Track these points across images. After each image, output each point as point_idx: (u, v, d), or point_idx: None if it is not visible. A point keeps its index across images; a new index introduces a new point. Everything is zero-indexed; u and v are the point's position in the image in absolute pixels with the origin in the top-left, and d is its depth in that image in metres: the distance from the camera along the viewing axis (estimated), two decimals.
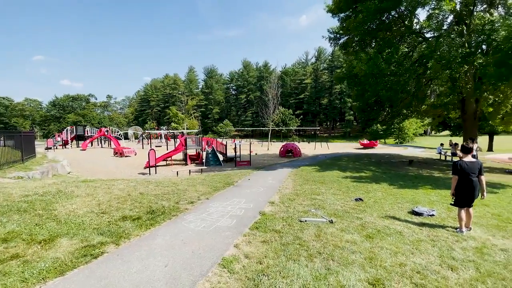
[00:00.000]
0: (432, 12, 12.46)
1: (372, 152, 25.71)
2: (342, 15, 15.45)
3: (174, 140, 31.29)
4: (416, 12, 13.08)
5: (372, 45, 15.46)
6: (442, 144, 20.42)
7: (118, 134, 41.61)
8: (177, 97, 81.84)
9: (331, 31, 16.91)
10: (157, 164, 14.00)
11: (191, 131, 49.35)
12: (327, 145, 35.91)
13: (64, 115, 74.71)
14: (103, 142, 35.88)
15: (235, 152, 16.53)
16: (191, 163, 17.16)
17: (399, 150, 28.45)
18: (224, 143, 20.72)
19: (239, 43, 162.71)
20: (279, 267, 3.41)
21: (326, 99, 67.24)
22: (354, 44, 15.86)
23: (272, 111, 36.72)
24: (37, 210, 5.35)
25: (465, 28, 12.01)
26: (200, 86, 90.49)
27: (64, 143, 30.99)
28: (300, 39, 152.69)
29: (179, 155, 19.56)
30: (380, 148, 33.95)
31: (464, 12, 12.04)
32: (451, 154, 17.71)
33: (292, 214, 5.61)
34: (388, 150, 29.68)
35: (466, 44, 11.37)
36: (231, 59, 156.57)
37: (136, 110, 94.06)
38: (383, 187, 8.64)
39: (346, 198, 7.08)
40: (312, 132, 61.58)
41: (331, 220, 5.15)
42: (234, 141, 31.43)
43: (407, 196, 7.41)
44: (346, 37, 16.18)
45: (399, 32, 14.32)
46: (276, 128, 51.13)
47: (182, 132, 41.49)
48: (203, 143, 17.87)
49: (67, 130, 32.73)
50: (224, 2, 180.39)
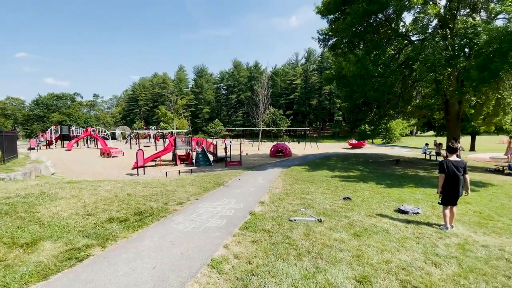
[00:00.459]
0: (417, 15, 12.83)
1: (360, 152, 26.20)
2: (331, 16, 15.65)
3: (163, 140, 30.88)
4: (402, 16, 13.41)
5: (360, 46, 15.74)
6: (427, 144, 21.05)
7: (105, 134, 40.65)
8: (166, 96, 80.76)
9: (321, 32, 17.10)
10: (145, 165, 13.78)
11: (180, 131, 48.82)
12: (317, 145, 36.32)
13: (48, 114, 72.23)
14: (89, 142, 34.97)
15: (226, 152, 16.47)
16: (181, 164, 16.97)
17: (386, 150, 29.11)
18: (215, 143, 20.61)
19: (229, 43, 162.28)
20: (269, 266, 3.42)
21: (316, 100, 67.98)
22: (343, 45, 16.10)
23: (262, 111, 36.80)
24: (18, 212, 5.17)
25: (448, 31, 12.41)
26: (190, 86, 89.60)
27: (48, 143, 30.02)
28: (290, 40, 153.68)
29: (168, 156, 19.32)
30: (368, 148, 34.64)
31: (448, 16, 12.43)
32: (435, 154, 18.32)
33: (282, 214, 5.65)
34: (376, 150, 30.32)
35: (450, 47, 11.75)
36: (222, 59, 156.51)
37: (124, 110, 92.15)
38: (371, 186, 8.83)
39: (334, 197, 7.18)
40: (302, 132, 62.11)
41: (320, 219, 5.22)
42: (225, 141, 31.33)
43: (393, 194, 7.60)
44: (335, 38, 16.40)
45: (386, 34, 14.65)
46: (267, 128, 51.30)
47: (172, 132, 40.98)
48: (193, 143, 17.70)
49: (51, 130, 31.68)
50: (213, 1, 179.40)
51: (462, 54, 11.81)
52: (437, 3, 12.66)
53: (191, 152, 17.64)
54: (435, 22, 13.22)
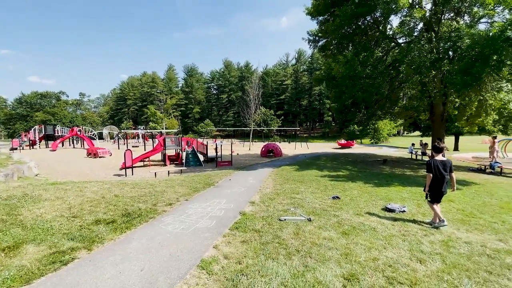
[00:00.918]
0: (404, 19, 13.15)
1: (349, 152, 26.62)
2: (321, 18, 15.85)
3: (152, 140, 30.43)
4: (389, 19, 13.73)
5: (349, 48, 15.99)
6: (413, 144, 21.63)
7: (92, 134, 39.63)
8: (155, 95, 79.53)
9: (311, 33, 17.28)
10: (133, 165, 13.52)
11: (170, 130, 48.19)
12: (307, 145, 36.64)
13: (32, 114, 69.86)
14: (75, 142, 34.01)
15: (216, 152, 16.37)
16: (170, 164, 16.76)
17: (374, 150, 29.69)
18: (205, 143, 20.45)
19: (220, 42, 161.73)
20: (258, 266, 3.44)
21: (306, 100, 68.65)
22: (332, 47, 16.33)
23: (253, 111, 36.83)
24: (0, 215, 4.97)
25: (434, 35, 12.77)
26: (180, 85, 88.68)
27: (32, 144, 28.98)
28: (281, 40, 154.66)
29: (158, 156, 19.03)
30: (357, 148, 35.23)
31: (433, 20, 12.81)
32: (421, 154, 18.87)
33: (272, 214, 5.67)
34: (364, 149, 30.89)
35: (435, 50, 12.10)
36: (212, 58, 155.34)
37: (112, 109, 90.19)
38: (359, 185, 8.99)
39: (324, 197, 7.27)
40: (293, 133, 62.53)
41: (310, 218, 5.27)
42: (215, 141, 31.14)
43: (380, 193, 7.76)
44: (325, 39, 16.62)
45: (374, 37, 14.95)
46: (258, 128, 51.33)
47: (161, 131, 40.41)
48: (182, 143, 17.50)
49: (34, 130, 30.58)
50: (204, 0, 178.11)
51: (447, 57, 12.20)
52: (422, 7, 13.02)
53: (181, 152, 17.45)
54: (421, 25, 13.58)
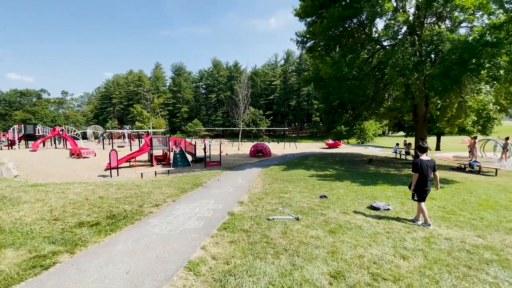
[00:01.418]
0: (388, 22, 13.51)
1: (336, 152, 27.08)
2: (309, 19, 16.01)
3: (139, 140, 29.80)
4: (375, 22, 14.07)
5: (336, 50, 16.24)
6: (398, 144, 22.26)
7: (75, 133, 38.33)
8: (142, 94, 77.94)
9: (299, 34, 17.43)
10: (119, 166, 13.19)
11: (157, 130, 47.35)
12: (296, 145, 36.98)
13: (11, 112, 66.86)
14: (57, 142, 32.79)
15: (205, 152, 16.23)
16: (157, 164, 16.47)
17: (360, 150, 30.34)
18: (193, 143, 20.23)
19: (208, 41, 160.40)
20: (246, 266, 3.44)
21: (295, 101, 69.20)
22: (320, 48, 16.54)
23: (242, 111, 36.76)
24: None
25: (417, 38, 13.19)
26: (168, 84, 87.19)
27: (11, 144, 27.73)
28: (269, 40, 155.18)
29: (144, 156, 18.66)
30: (344, 147, 35.88)
31: (416, 24, 13.22)
32: (405, 153, 19.47)
33: (261, 213, 5.69)
34: (351, 149, 31.51)
35: (418, 53, 12.52)
36: (200, 58, 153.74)
37: (96, 108, 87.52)
38: (346, 184, 9.16)
39: (311, 196, 7.37)
40: (282, 133, 62.97)
41: (297, 217, 5.33)
42: (204, 141, 30.87)
43: (366, 192, 7.95)
44: (313, 41, 16.81)
45: (360, 39, 15.27)
46: (247, 128, 51.31)
47: (148, 131, 39.63)
48: (170, 143, 17.24)
49: (13, 129, 29.25)
50: None
51: (429, 60, 12.64)
52: (406, 11, 13.43)
53: (168, 152, 17.18)
54: (405, 29, 13.99)
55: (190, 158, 17.18)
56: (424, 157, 5.21)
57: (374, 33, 14.66)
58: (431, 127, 23.62)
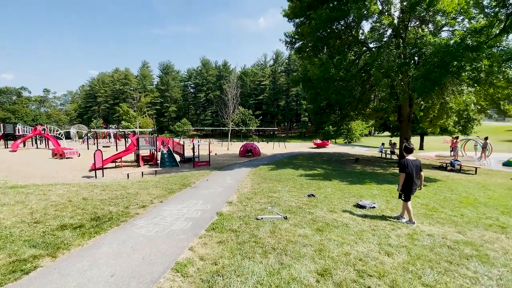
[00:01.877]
0: (374, 25, 13.85)
1: (324, 151, 27.47)
2: (298, 20, 16.15)
3: (125, 139, 29.13)
4: (361, 24, 14.40)
5: (324, 51, 16.47)
6: (383, 143, 22.87)
7: (58, 133, 37.00)
8: (128, 93, 76.22)
9: (287, 35, 17.55)
10: (104, 166, 12.84)
11: (144, 130, 46.45)
12: (285, 144, 37.23)
13: None
14: (39, 142, 31.52)
15: (194, 152, 16.05)
16: (144, 165, 16.14)
17: (347, 149, 30.92)
18: (182, 143, 19.98)
19: (197, 40, 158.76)
20: (234, 266, 3.44)
21: (284, 101, 69.60)
22: (308, 49, 16.71)
23: (232, 111, 36.63)
24: None
25: (401, 41, 13.59)
26: (155, 83, 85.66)
27: None
28: (258, 40, 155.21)
29: (131, 156, 18.24)
30: (331, 147, 36.45)
31: (401, 27, 13.62)
32: (390, 153, 20.02)
33: (249, 213, 5.69)
34: (338, 149, 32.06)
35: (402, 56, 12.89)
36: (189, 57, 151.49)
37: (80, 107, 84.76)
38: (333, 183, 9.31)
39: (299, 195, 7.44)
40: (271, 132, 63.23)
41: (286, 216, 5.37)
42: (193, 140, 30.54)
43: (353, 191, 8.11)
44: (301, 42, 16.96)
45: (348, 41, 15.55)
46: (236, 128, 51.18)
47: (134, 131, 38.82)
48: (157, 143, 16.94)
49: None
50: None
51: (412, 62, 13.04)
52: (391, 14, 13.80)
53: (155, 152, 16.88)
54: (390, 31, 14.37)
55: (178, 158, 16.95)
56: (410, 157, 5.36)
57: (360, 35, 14.97)
58: (415, 128, 24.37)
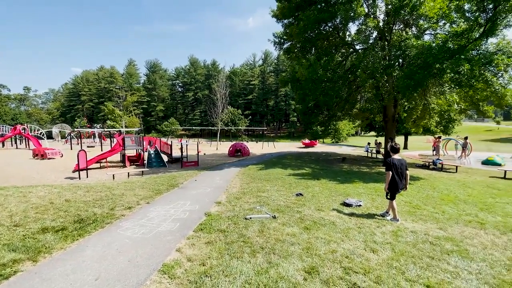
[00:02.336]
0: (360, 27, 14.15)
1: (312, 151, 27.83)
2: (286, 21, 16.27)
3: (111, 139, 28.31)
4: (348, 26, 14.66)
5: (312, 52, 16.68)
6: (369, 143, 23.41)
7: (39, 132, 35.59)
8: (114, 91, 74.32)
9: (276, 35, 17.64)
10: (88, 167, 12.47)
11: (130, 129, 45.43)
12: (274, 144, 37.39)
13: None
14: (18, 142, 30.22)
15: (182, 152, 15.84)
16: (131, 165, 15.79)
17: (334, 149, 31.45)
18: (170, 142, 19.68)
19: (185, 39, 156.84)
20: (223, 266, 3.43)
21: (273, 101, 69.91)
22: (296, 50, 16.87)
23: (221, 111, 36.39)
24: None
25: (386, 43, 13.96)
26: (142, 81, 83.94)
27: None
28: (247, 40, 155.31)
29: (116, 157, 17.80)
30: (319, 147, 36.96)
31: (386, 29, 13.99)
32: (375, 152, 20.53)
33: (238, 213, 5.69)
34: (326, 148, 32.57)
35: (387, 57, 13.25)
36: (176, 55, 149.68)
37: (63, 105, 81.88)
38: (321, 182, 9.45)
39: (288, 194, 7.51)
40: (260, 132, 63.25)
41: (274, 216, 5.40)
42: (181, 140, 30.12)
43: (340, 189, 8.26)
44: (290, 42, 17.09)
45: (335, 42, 15.82)
46: (226, 128, 50.95)
47: (120, 130, 37.90)
48: (144, 143, 16.61)
49: None
50: None
51: (397, 64, 13.42)
52: (376, 17, 14.15)
53: (142, 152, 16.55)
54: (375, 34, 14.73)
55: (166, 158, 16.70)
56: (396, 156, 5.51)
57: (347, 37, 15.25)
58: (399, 128, 25.10)
